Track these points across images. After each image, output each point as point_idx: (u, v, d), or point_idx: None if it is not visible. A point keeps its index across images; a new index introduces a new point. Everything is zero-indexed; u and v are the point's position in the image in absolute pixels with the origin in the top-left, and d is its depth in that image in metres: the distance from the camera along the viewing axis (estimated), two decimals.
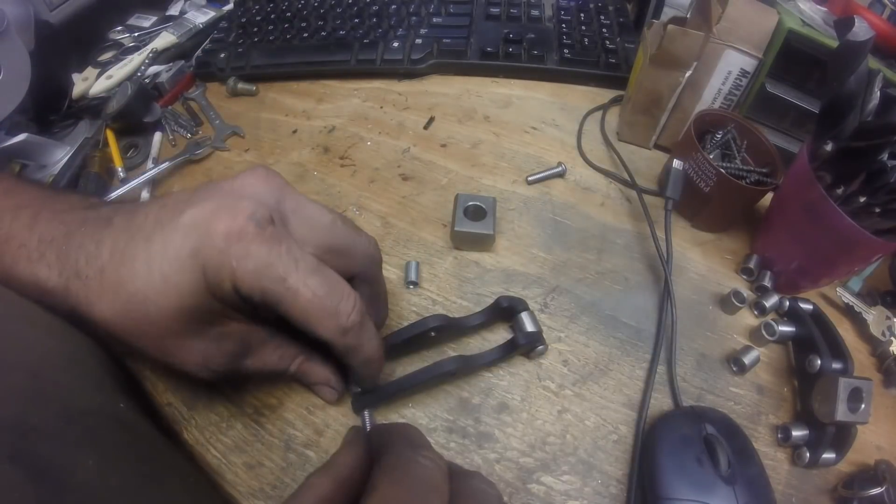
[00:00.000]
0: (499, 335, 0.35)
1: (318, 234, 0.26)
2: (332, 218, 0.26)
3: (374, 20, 0.56)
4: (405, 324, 0.35)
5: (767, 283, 0.38)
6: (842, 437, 0.30)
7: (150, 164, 0.46)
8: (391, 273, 0.38)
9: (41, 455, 0.19)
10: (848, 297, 0.38)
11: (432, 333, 0.32)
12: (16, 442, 0.18)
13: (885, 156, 0.30)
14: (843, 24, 0.31)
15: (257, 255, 0.23)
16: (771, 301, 0.37)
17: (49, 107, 0.50)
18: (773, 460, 0.31)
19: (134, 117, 0.47)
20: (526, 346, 0.33)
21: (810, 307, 0.36)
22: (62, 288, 0.24)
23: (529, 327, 0.33)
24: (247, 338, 0.27)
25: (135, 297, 0.23)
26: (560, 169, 0.44)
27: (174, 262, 0.23)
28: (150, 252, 0.23)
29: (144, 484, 0.23)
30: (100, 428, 0.22)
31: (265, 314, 0.26)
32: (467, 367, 0.32)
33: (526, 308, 0.34)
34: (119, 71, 0.52)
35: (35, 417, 0.20)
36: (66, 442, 0.20)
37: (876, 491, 0.29)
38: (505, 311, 0.34)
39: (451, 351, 0.34)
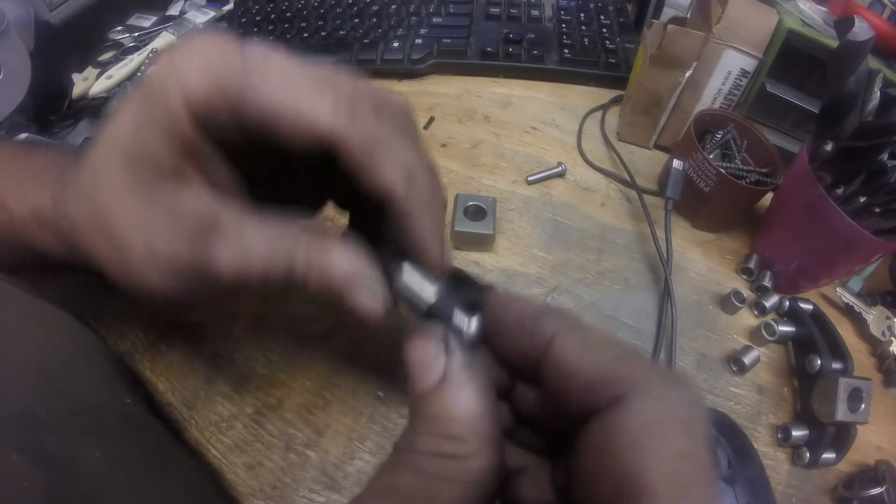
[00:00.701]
0: None
1: None
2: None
3: (374, 20, 0.56)
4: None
5: (767, 283, 0.38)
6: (842, 437, 0.30)
7: None
8: None
9: (49, 446, 0.19)
10: (848, 297, 0.38)
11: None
12: (24, 434, 0.19)
13: (885, 156, 0.30)
14: (843, 24, 0.31)
15: (204, 47, 0.17)
16: (771, 301, 0.37)
17: (49, 107, 0.50)
18: (773, 460, 0.31)
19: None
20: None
21: (810, 307, 0.36)
22: (51, 203, 0.22)
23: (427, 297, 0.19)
24: (210, 209, 0.19)
25: (86, 170, 0.20)
26: (560, 169, 0.44)
27: (120, 108, 0.19)
28: (104, 129, 0.19)
29: (150, 476, 0.23)
30: (106, 421, 0.22)
31: (241, 142, 0.19)
32: None
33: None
34: (119, 71, 0.52)
35: (43, 411, 0.20)
36: (74, 434, 0.20)
37: (876, 491, 0.29)
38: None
39: None
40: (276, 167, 0.22)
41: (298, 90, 0.17)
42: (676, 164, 0.39)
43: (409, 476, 0.15)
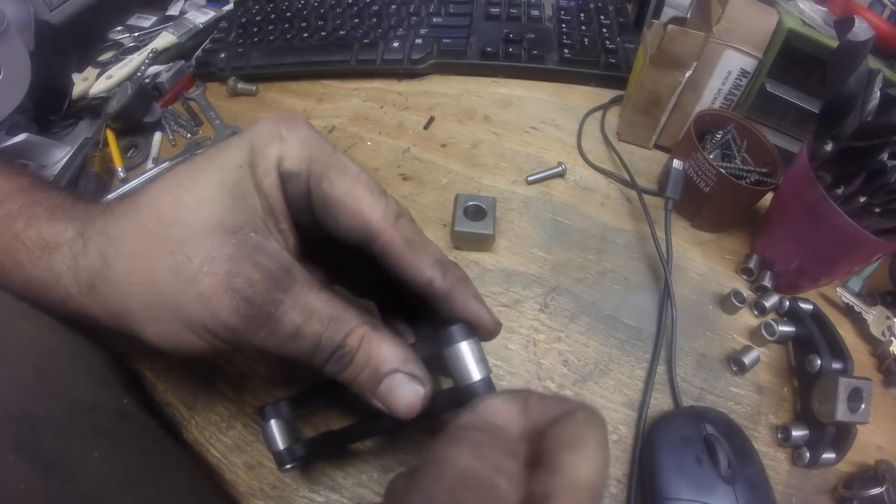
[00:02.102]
0: None
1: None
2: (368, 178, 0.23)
3: (374, 20, 0.56)
4: None
5: (767, 283, 0.38)
6: (842, 437, 0.30)
7: (150, 164, 0.46)
8: None
9: (47, 447, 0.19)
10: (848, 297, 0.38)
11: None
12: (22, 434, 0.19)
13: (885, 156, 0.30)
14: (843, 24, 0.31)
15: (307, 129, 0.22)
16: (771, 301, 0.37)
17: (49, 107, 0.50)
18: (773, 460, 0.31)
19: (134, 117, 0.47)
20: (462, 400, 0.20)
21: (810, 307, 0.36)
22: (76, 234, 0.22)
23: (473, 372, 0.20)
24: (289, 266, 0.21)
25: (165, 190, 0.21)
26: (560, 169, 0.44)
27: (221, 147, 0.22)
28: (194, 161, 0.22)
29: (149, 476, 0.23)
30: (105, 421, 0.22)
31: (306, 212, 0.22)
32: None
33: (468, 336, 0.21)
34: (119, 71, 0.52)
35: (41, 410, 0.20)
36: (72, 434, 0.20)
37: (876, 491, 0.29)
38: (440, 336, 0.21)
39: None
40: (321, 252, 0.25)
41: (362, 191, 0.21)
42: (676, 164, 0.39)
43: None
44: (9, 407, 0.19)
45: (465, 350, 0.20)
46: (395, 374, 0.20)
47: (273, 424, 0.26)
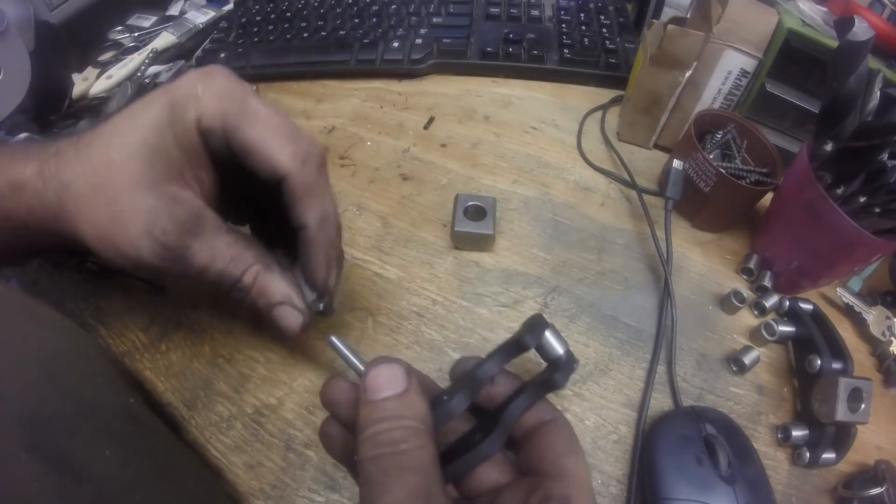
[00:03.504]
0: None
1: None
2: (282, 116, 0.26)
3: (374, 20, 0.56)
4: (404, 324, 0.35)
5: (767, 283, 0.38)
6: (842, 437, 0.30)
7: None
8: (391, 273, 0.38)
9: (59, 447, 0.19)
10: (848, 297, 0.38)
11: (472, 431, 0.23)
12: (33, 434, 0.19)
13: (885, 156, 0.30)
14: (843, 24, 0.31)
15: (222, 81, 0.24)
16: (771, 301, 0.37)
17: (49, 107, 0.50)
18: (773, 460, 0.31)
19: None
20: (563, 375, 0.22)
21: (810, 307, 0.36)
22: (35, 173, 0.25)
23: (558, 348, 0.23)
24: (199, 214, 0.25)
25: (100, 147, 0.24)
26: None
27: (144, 105, 0.24)
28: (123, 117, 0.24)
29: (158, 475, 0.23)
30: (113, 422, 0.23)
31: (223, 162, 0.25)
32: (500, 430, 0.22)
33: (545, 325, 0.23)
34: (119, 71, 0.52)
35: (50, 411, 0.20)
36: (82, 435, 0.20)
37: (876, 491, 0.29)
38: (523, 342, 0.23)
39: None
40: (235, 190, 0.28)
41: (273, 136, 0.24)
42: (676, 164, 0.39)
43: (412, 477, 0.18)
44: (19, 408, 0.19)
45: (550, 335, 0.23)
46: (282, 305, 0.27)
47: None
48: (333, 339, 0.23)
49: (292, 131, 0.25)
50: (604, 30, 0.55)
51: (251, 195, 0.29)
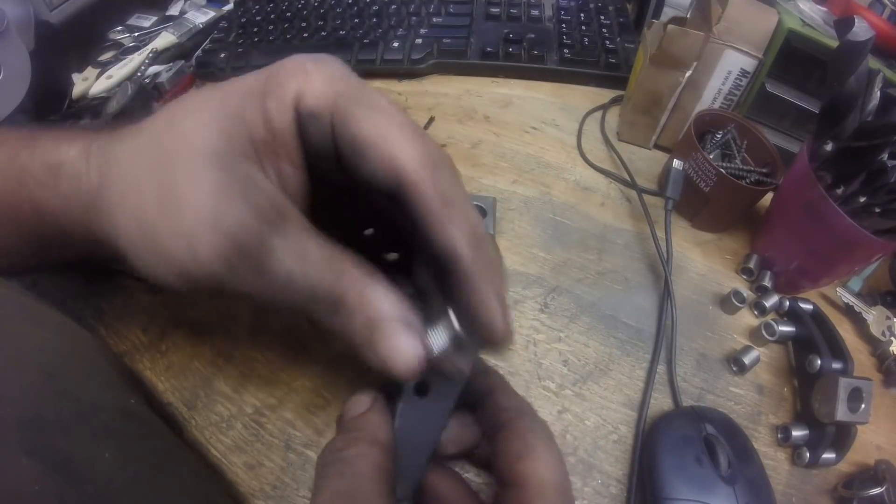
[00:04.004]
0: None
1: None
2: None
3: (374, 20, 0.56)
4: None
5: (767, 283, 0.38)
6: (842, 437, 0.30)
7: None
8: None
9: (59, 449, 0.19)
10: (848, 297, 0.38)
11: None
12: (33, 437, 0.18)
13: (885, 156, 0.30)
14: (843, 24, 0.31)
15: (335, 64, 0.20)
16: (771, 301, 0.37)
17: (49, 107, 0.50)
18: (773, 460, 0.31)
19: (134, 117, 0.47)
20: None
21: (810, 307, 0.36)
22: (79, 152, 0.21)
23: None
24: (283, 205, 0.18)
25: (165, 113, 0.19)
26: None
27: (240, 77, 0.20)
28: (210, 87, 0.20)
29: (159, 476, 0.23)
30: (113, 422, 0.22)
31: (317, 159, 0.20)
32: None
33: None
34: (119, 71, 0.52)
35: (51, 413, 0.20)
36: (83, 436, 0.20)
37: (876, 491, 0.29)
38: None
39: None
40: (334, 197, 0.23)
41: (395, 130, 0.18)
42: (676, 164, 0.39)
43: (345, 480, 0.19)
44: (19, 410, 0.19)
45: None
46: (392, 323, 0.18)
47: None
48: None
49: (418, 129, 0.19)
50: (604, 30, 0.55)
51: (345, 212, 0.23)
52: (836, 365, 0.32)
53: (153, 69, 0.53)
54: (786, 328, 0.35)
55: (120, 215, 0.19)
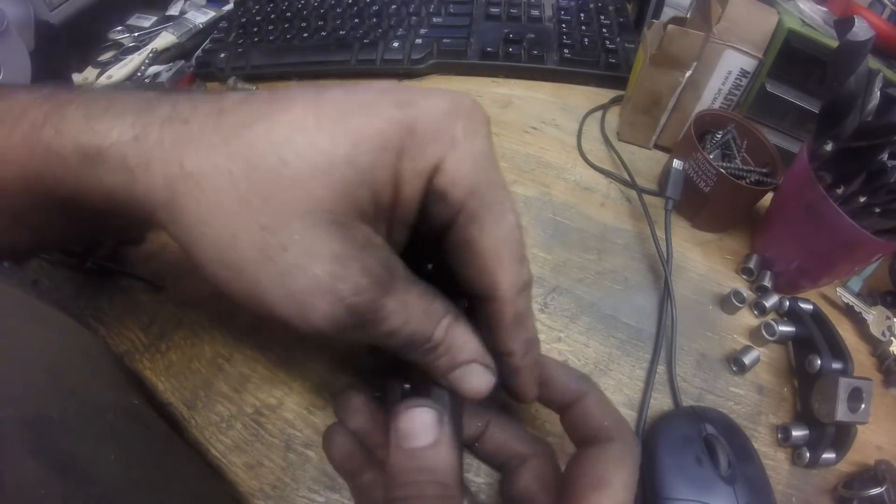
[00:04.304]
0: None
1: None
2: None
3: (374, 20, 0.56)
4: None
5: (767, 283, 0.38)
6: (842, 437, 0.30)
7: None
8: None
9: (63, 450, 0.19)
10: (848, 297, 0.38)
11: None
12: (37, 438, 0.18)
13: (885, 156, 0.30)
14: (843, 24, 0.31)
15: (483, 141, 0.18)
16: (771, 301, 0.37)
17: None
18: (773, 460, 0.31)
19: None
20: None
21: (810, 307, 0.36)
22: (131, 138, 0.17)
23: None
24: (391, 264, 0.18)
25: (269, 139, 0.16)
26: None
27: (360, 106, 0.17)
28: (320, 108, 0.17)
29: (163, 476, 0.23)
30: (117, 423, 0.22)
31: (431, 229, 0.20)
32: None
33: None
34: (119, 71, 0.52)
35: (55, 413, 0.20)
36: (87, 437, 0.20)
37: (876, 491, 0.29)
38: None
39: None
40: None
41: (507, 254, 0.19)
42: (676, 164, 0.39)
43: None
44: (24, 410, 0.19)
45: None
46: (472, 363, 0.21)
47: None
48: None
49: (522, 250, 0.20)
50: (604, 30, 0.55)
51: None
52: (836, 365, 0.32)
53: (153, 69, 0.53)
54: (786, 328, 0.35)
55: (202, 239, 0.17)
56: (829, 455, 0.30)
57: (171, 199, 0.17)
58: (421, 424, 0.20)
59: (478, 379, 0.21)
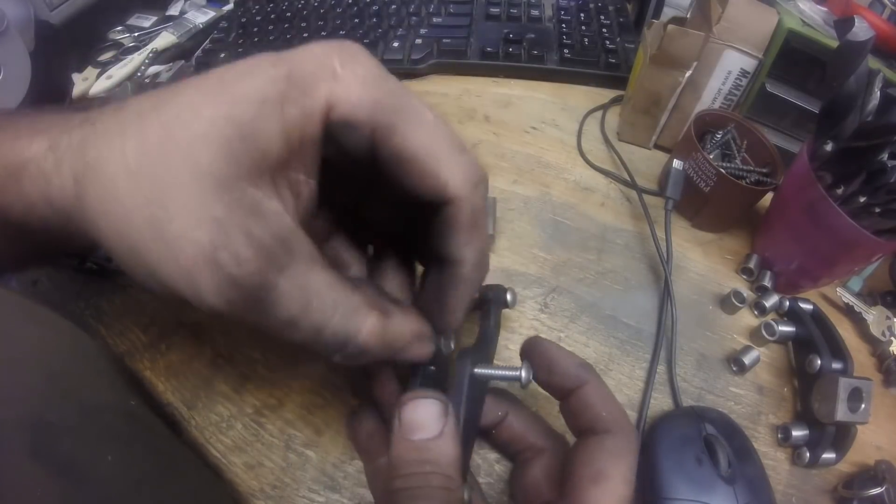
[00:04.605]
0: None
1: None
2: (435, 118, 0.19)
3: (374, 20, 0.56)
4: None
5: (767, 283, 0.38)
6: (842, 437, 0.30)
7: None
8: None
9: (62, 451, 0.19)
10: (848, 297, 0.38)
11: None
12: (36, 439, 0.18)
13: (885, 156, 0.30)
14: (843, 24, 0.31)
15: (368, 62, 0.18)
16: (771, 301, 0.37)
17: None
18: (773, 460, 0.31)
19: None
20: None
21: (810, 307, 0.36)
22: (45, 149, 0.18)
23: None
24: (289, 237, 0.17)
25: (157, 115, 0.16)
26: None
27: (241, 69, 0.17)
28: (206, 81, 0.17)
29: (162, 477, 0.23)
30: (116, 424, 0.22)
31: (356, 165, 0.19)
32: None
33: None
34: (119, 71, 0.52)
35: (53, 415, 0.20)
36: (86, 438, 0.20)
37: (876, 491, 0.29)
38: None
39: None
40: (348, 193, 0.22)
41: (442, 147, 0.18)
42: (676, 164, 0.39)
43: None
44: (22, 412, 0.19)
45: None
46: (410, 344, 0.21)
47: None
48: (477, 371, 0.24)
49: (461, 144, 0.19)
50: (604, 30, 0.55)
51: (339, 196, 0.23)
52: (836, 365, 0.32)
53: (153, 69, 0.53)
54: (786, 328, 0.35)
55: (105, 233, 0.17)
56: (829, 455, 0.30)
57: (79, 194, 0.17)
58: (425, 416, 0.20)
59: (416, 351, 0.21)
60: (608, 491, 0.20)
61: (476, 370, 0.24)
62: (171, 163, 0.15)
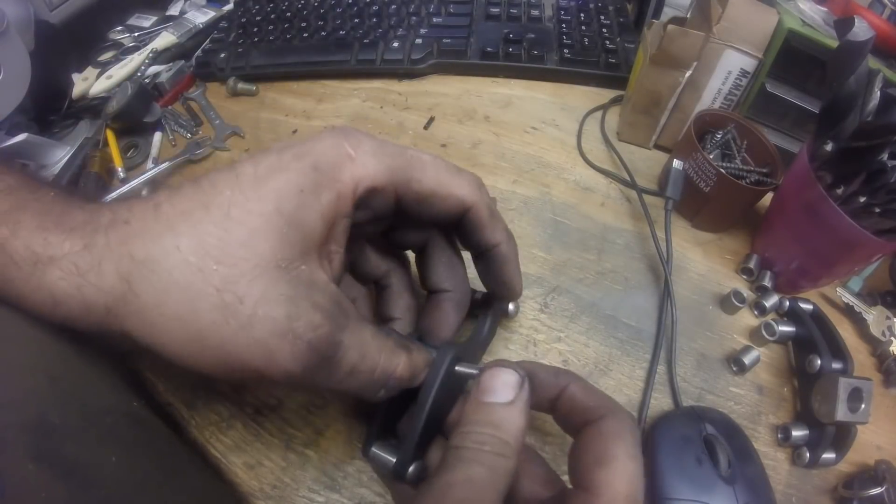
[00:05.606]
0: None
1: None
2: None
3: (374, 20, 0.56)
4: None
5: (767, 283, 0.38)
6: (842, 437, 0.30)
7: (150, 164, 0.46)
8: None
9: (66, 454, 0.19)
10: (848, 297, 0.38)
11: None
12: (40, 442, 0.18)
13: (885, 156, 0.30)
14: (843, 24, 0.31)
15: (367, 140, 0.22)
16: (771, 301, 0.37)
17: (49, 107, 0.50)
18: (773, 460, 0.31)
19: (134, 117, 0.47)
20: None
21: (810, 307, 0.36)
22: (81, 248, 0.19)
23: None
24: (340, 300, 0.21)
25: (206, 215, 0.19)
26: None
27: (270, 167, 0.20)
28: (238, 181, 0.20)
29: (166, 478, 0.23)
30: (119, 426, 0.22)
31: (382, 216, 0.24)
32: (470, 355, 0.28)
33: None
34: (119, 71, 0.52)
35: (57, 417, 0.19)
36: (89, 440, 0.20)
37: (876, 491, 0.29)
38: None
39: None
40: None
41: (447, 175, 0.24)
42: (676, 164, 0.39)
43: (480, 468, 0.19)
44: (25, 415, 0.19)
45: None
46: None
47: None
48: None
49: (454, 166, 0.24)
50: (604, 30, 0.55)
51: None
52: (836, 365, 0.32)
53: (153, 69, 0.53)
54: (786, 328, 0.35)
55: (161, 319, 0.19)
56: (829, 455, 0.30)
57: (126, 291, 0.19)
58: (503, 383, 0.21)
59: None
60: (616, 470, 0.19)
61: (457, 368, 0.24)
62: (236, 254, 0.18)
